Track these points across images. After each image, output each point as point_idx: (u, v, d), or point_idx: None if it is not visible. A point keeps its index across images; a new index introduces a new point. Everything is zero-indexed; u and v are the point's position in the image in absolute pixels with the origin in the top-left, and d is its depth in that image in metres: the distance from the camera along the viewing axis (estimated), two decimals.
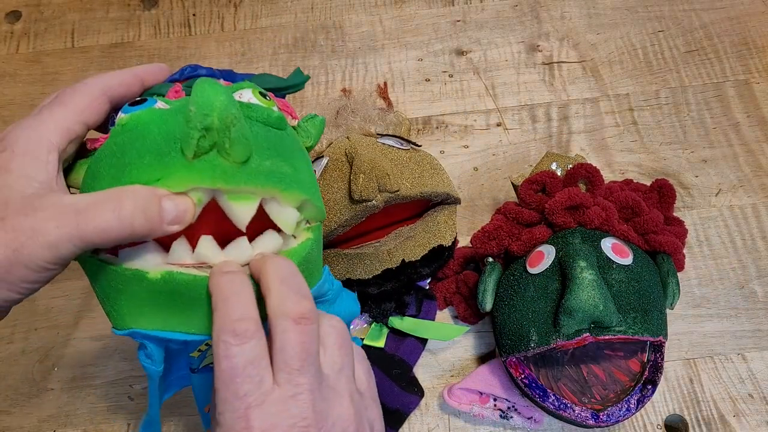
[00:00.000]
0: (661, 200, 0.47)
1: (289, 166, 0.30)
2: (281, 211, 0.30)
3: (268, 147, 0.30)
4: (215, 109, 0.26)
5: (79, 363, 0.51)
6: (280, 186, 0.29)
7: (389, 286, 0.46)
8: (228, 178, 0.27)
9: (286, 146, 0.31)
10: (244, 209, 0.28)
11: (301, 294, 0.27)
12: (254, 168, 0.28)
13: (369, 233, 0.48)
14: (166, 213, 0.26)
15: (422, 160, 0.48)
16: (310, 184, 0.32)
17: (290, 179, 0.29)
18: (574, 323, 0.39)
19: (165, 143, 0.27)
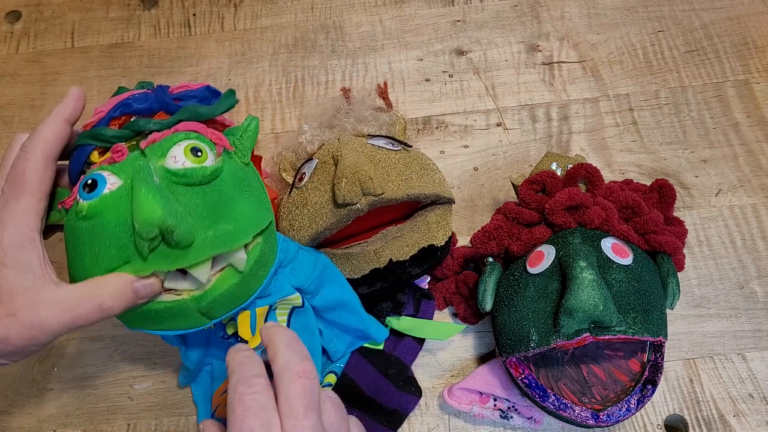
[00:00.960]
0: (661, 200, 0.47)
1: (229, 223, 0.36)
2: (233, 257, 0.36)
3: (207, 215, 0.35)
4: (155, 224, 0.32)
5: (79, 363, 0.51)
6: (226, 248, 0.35)
7: (378, 286, 0.46)
8: (180, 261, 0.33)
9: (223, 197, 0.36)
10: (201, 272, 0.35)
11: (303, 356, 0.31)
12: (200, 244, 0.34)
13: (358, 234, 0.48)
14: (139, 293, 0.34)
15: (412, 162, 0.47)
16: (252, 222, 0.37)
17: (232, 236, 0.35)
18: (574, 323, 0.39)
19: (122, 234, 0.34)
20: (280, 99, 0.63)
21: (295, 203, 0.46)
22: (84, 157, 0.37)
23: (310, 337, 0.44)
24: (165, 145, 0.36)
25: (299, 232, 0.45)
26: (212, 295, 0.36)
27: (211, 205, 0.36)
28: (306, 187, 0.46)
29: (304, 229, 0.45)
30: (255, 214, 0.38)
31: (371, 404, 0.47)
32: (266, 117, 0.62)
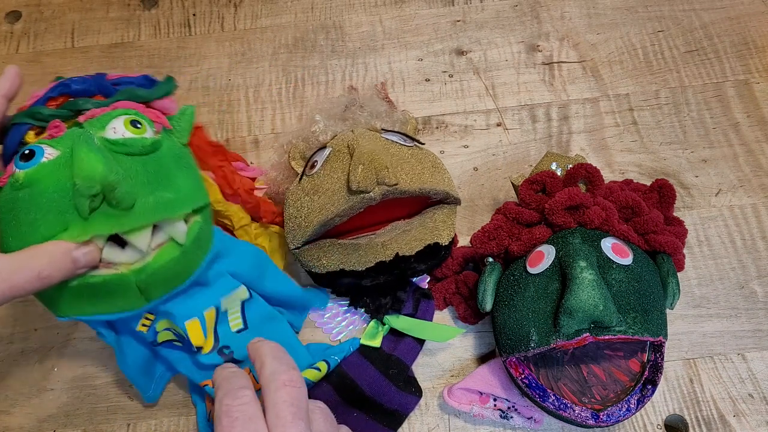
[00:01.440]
0: (661, 200, 0.47)
1: (170, 192, 0.36)
2: (172, 227, 0.36)
3: (148, 181, 0.35)
4: (97, 180, 0.32)
5: (79, 363, 0.51)
6: (165, 215, 0.35)
7: (382, 279, 0.47)
8: (121, 224, 0.34)
9: (163, 168, 0.37)
10: (141, 238, 0.35)
11: (289, 365, 0.31)
12: (141, 208, 0.34)
13: (366, 228, 0.48)
14: (77, 262, 0.33)
15: (424, 158, 0.48)
16: (191, 194, 0.38)
17: (173, 204, 0.36)
18: (574, 323, 0.39)
19: (61, 200, 0.33)
20: (280, 99, 0.63)
21: (305, 190, 0.46)
22: (19, 137, 0.37)
23: (272, 322, 0.45)
24: (104, 119, 0.36)
25: (308, 218, 0.45)
26: (152, 267, 0.36)
27: (152, 173, 0.36)
28: (318, 174, 0.46)
29: (314, 214, 0.45)
30: (194, 189, 0.38)
31: (371, 404, 0.47)
32: (266, 117, 0.62)
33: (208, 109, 0.62)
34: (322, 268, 0.47)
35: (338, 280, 0.47)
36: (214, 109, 0.62)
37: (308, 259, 0.47)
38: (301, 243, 0.46)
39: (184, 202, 0.37)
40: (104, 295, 0.36)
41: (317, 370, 0.45)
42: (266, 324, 0.45)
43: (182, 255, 0.37)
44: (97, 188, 0.32)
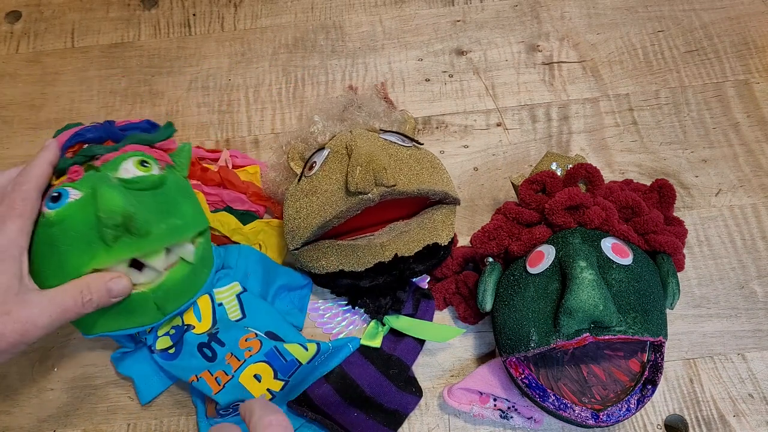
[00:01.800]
0: (661, 200, 0.47)
1: (178, 218, 0.42)
2: (182, 249, 0.43)
3: (159, 211, 0.42)
4: (119, 213, 0.38)
5: (79, 363, 0.51)
6: (177, 239, 0.42)
7: (381, 281, 0.47)
8: (140, 249, 0.40)
9: (170, 199, 0.43)
10: (157, 260, 0.41)
11: (276, 410, 0.33)
12: (156, 234, 0.40)
13: (364, 228, 0.48)
14: (111, 291, 0.40)
15: (423, 158, 0.48)
16: (196, 219, 0.44)
17: (182, 230, 0.42)
18: (574, 323, 0.39)
19: (89, 232, 0.39)
20: (280, 99, 0.63)
21: (304, 191, 0.46)
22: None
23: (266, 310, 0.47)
24: (117, 162, 0.42)
25: (307, 219, 0.45)
26: (167, 284, 0.42)
27: (161, 204, 0.42)
28: (317, 175, 0.46)
29: (313, 216, 0.45)
30: (197, 215, 0.45)
31: (372, 404, 0.47)
32: (266, 117, 0.62)
33: (208, 109, 0.62)
34: (321, 269, 0.47)
35: (337, 280, 0.47)
36: (214, 109, 0.62)
37: (307, 260, 0.47)
38: (300, 244, 0.46)
39: (191, 226, 0.43)
40: (127, 313, 0.42)
41: (304, 349, 0.45)
42: (261, 311, 0.48)
43: (191, 272, 0.43)
44: (119, 219, 0.38)
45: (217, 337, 0.45)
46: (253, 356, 0.44)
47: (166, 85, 0.64)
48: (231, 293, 0.47)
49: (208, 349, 0.45)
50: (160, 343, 0.46)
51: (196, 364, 0.45)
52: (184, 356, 0.45)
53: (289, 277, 0.51)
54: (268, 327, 0.47)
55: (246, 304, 0.47)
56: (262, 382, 0.44)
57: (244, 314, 0.47)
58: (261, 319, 0.47)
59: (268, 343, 0.45)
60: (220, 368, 0.44)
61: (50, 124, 0.62)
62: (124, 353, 0.49)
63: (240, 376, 0.44)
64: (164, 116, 0.62)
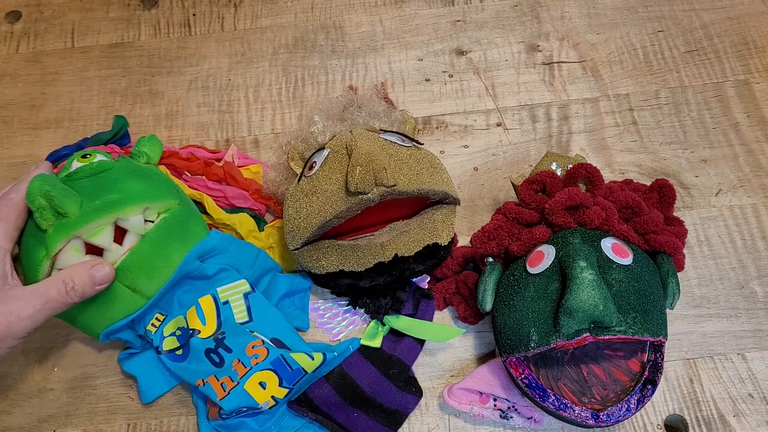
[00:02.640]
0: (661, 200, 0.47)
1: (116, 194, 0.43)
2: (128, 222, 0.43)
3: (94, 191, 0.43)
4: (36, 194, 0.41)
5: (79, 363, 0.51)
6: (112, 211, 0.42)
7: (381, 281, 0.47)
8: (73, 226, 0.41)
9: (111, 180, 0.44)
10: (102, 238, 0.42)
11: None
12: (87, 210, 0.42)
13: (364, 228, 0.48)
14: (95, 278, 0.41)
15: (423, 158, 0.48)
16: (142, 194, 0.44)
17: (119, 202, 0.43)
18: (574, 323, 0.39)
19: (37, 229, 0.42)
20: (280, 99, 0.63)
21: (304, 191, 0.46)
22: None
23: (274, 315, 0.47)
24: (68, 164, 0.45)
25: (307, 220, 0.45)
26: (128, 263, 0.43)
27: (99, 185, 0.43)
28: (317, 175, 0.46)
29: (313, 216, 0.45)
30: (146, 190, 0.45)
31: (372, 404, 0.47)
32: (266, 117, 0.62)
33: (208, 109, 0.62)
34: (321, 269, 0.47)
35: (337, 280, 0.47)
36: (214, 109, 0.62)
37: (307, 260, 0.47)
38: (300, 244, 0.46)
39: (131, 199, 0.43)
40: (102, 302, 0.43)
41: (311, 359, 0.45)
42: (269, 317, 0.47)
43: (150, 247, 0.44)
44: (39, 200, 0.41)
45: (224, 342, 0.45)
46: (259, 364, 0.44)
47: (166, 85, 0.64)
48: (238, 291, 0.47)
49: (216, 355, 0.44)
50: (167, 344, 0.46)
51: (204, 368, 0.44)
52: (191, 360, 0.45)
53: (290, 283, 0.51)
54: (275, 334, 0.46)
55: (254, 306, 0.47)
56: (267, 389, 0.44)
57: (251, 317, 0.46)
58: (268, 325, 0.47)
59: (275, 351, 0.45)
60: (227, 374, 0.44)
61: (50, 124, 0.62)
62: (131, 354, 0.49)
63: (246, 383, 0.44)
64: (164, 116, 0.62)
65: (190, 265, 0.45)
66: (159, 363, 0.48)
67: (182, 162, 0.53)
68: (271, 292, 0.50)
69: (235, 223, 0.51)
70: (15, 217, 0.42)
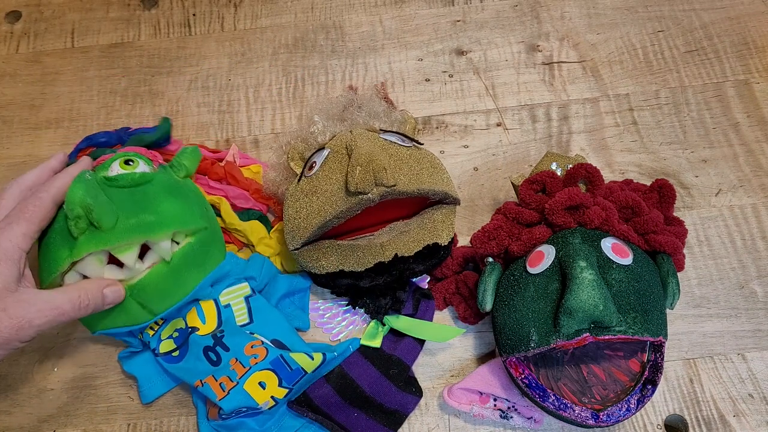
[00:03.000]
0: (661, 200, 0.47)
1: (152, 215, 0.42)
2: (157, 246, 0.43)
3: (132, 207, 0.42)
4: (76, 203, 0.39)
5: (79, 363, 0.51)
6: (145, 234, 0.41)
7: (381, 281, 0.47)
8: (105, 242, 0.40)
9: (149, 197, 0.43)
10: (128, 257, 0.41)
11: None
12: (121, 228, 0.41)
13: (365, 228, 0.48)
14: (107, 298, 0.41)
15: (423, 158, 0.48)
16: (176, 218, 0.43)
17: (153, 226, 0.42)
18: (574, 323, 0.39)
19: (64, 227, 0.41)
20: (280, 99, 0.63)
21: (304, 191, 0.46)
22: None
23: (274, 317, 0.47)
24: (108, 162, 0.44)
25: (307, 220, 0.45)
26: (144, 282, 0.42)
27: (137, 201, 0.43)
28: (317, 175, 0.46)
29: (313, 216, 0.45)
30: (180, 214, 0.44)
31: (372, 404, 0.47)
32: (266, 117, 0.62)
33: (208, 109, 0.62)
34: (321, 269, 0.47)
35: (337, 280, 0.47)
36: (214, 109, 0.62)
37: (307, 260, 0.47)
38: (300, 244, 0.46)
39: (165, 224, 0.43)
40: (110, 311, 0.43)
41: (310, 359, 0.45)
42: (269, 318, 0.47)
43: (170, 272, 0.43)
44: (78, 210, 0.39)
45: (223, 341, 0.45)
46: (258, 364, 0.44)
47: (166, 85, 0.64)
48: (239, 294, 0.47)
49: (213, 353, 0.45)
50: (164, 347, 0.46)
51: (201, 367, 0.45)
52: (189, 359, 0.45)
53: (290, 283, 0.51)
54: (275, 335, 0.47)
55: (254, 308, 0.47)
56: (267, 389, 0.44)
57: (252, 319, 0.47)
58: (268, 327, 0.47)
59: (274, 351, 0.45)
60: (225, 374, 0.44)
61: (50, 124, 0.62)
62: (132, 352, 0.49)
63: (245, 383, 0.44)
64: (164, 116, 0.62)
65: (202, 291, 0.45)
66: (158, 364, 0.48)
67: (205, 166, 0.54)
68: (270, 293, 0.50)
69: (246, 230, 0.51)
70: (40, 218, 0.41)
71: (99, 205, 0.40)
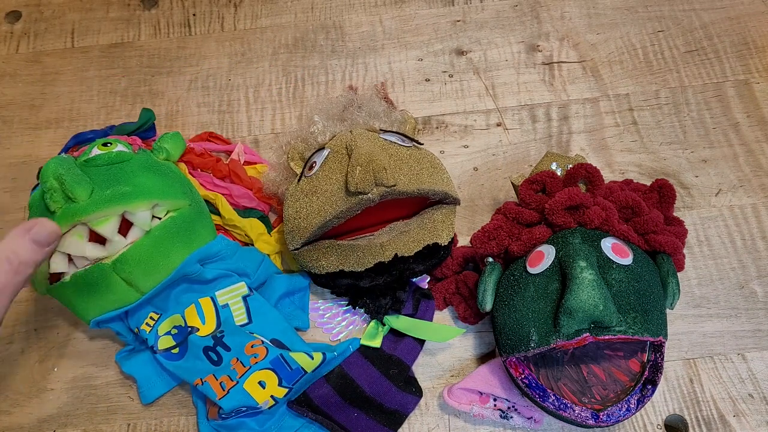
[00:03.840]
0: (661, 200, 0.47)
1: (128, 186, 0.43)
2: (135, 216, 0.43)
3: (107, 180, 0.43)
4: (49, 175, 0.41)
5: (79, 363, 0.51)
6: (121, 203, 0.42)
7: (381, 281, 0.47)
8: (80, 213, 0.41)
9: (126, 172, 0.44)
10: (106, 228, 0.42)
11: None
12: (96, 199, 0.42)
13: (363, 229, 0.48)
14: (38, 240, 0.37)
15: (423, 158, 0.48)
16: (153, 190, 0.44)
17: (128, 195, 0.43)
18: (574, 323, 0.39)
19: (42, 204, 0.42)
20: (280, 99, 0.63)
21: (304, 191, 0.46)
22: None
23: (273, 317, 0.47)
24: (89, 149, 0.46)
25: (307, 220, 0.45)
26: (128, 256, 0.43)
27: (113, 176, 0.44)
28: (316, 175, 0.46)
29: (313, 216, 0.45)
30: (158, 188, 0.45)
31: (371, 404, 0.47)
32: (266, 117, 0.62)
33: (208, 109, 0.62)
34: (321, 269, 0.47)
35: (337, 280, 0.47)
36: (214, 109, 0.62)
37: (307, 260, 0.47)
38: (300, 244, 0.46)
39: (141, 194, 0.43)
40: (97, 290, 0.43)
41: (310, 358, 0.45)
42: (268, 318, 0.47)
43: (152, 244, 0.43)
44: (52, 182, 0.41)
45: (223, 341, 0.45)
46: (258, 363, 0.44)
47: (166, 85, 0.64)
48: (236, 294, 0.47)
49: (214, 353, 0.45)
50: (162, 343, 0.46)
51: (201, 366, 0.45)
52: (189, 358, 0.45)
53: (289, 283, 0.51)
54: (274, 335, 0.47)
55: (252, 308, 0.47)
56: (267, 388, 0.44)
57: (251, 319, 0.47)
58: (267, 326, 0.47)
59: (274, 350, 0.45)
60: (225, 373, 0.44)
61: (50, 124, 0.62)
62: (130, 352, 0.49)
63: (245, 382, 0.44)
64: (164, 116, 0.62)
65: (189, 267, 0.45)
66: (157, 364, 0.48)
67: (197, 159, 0.54)
68: (269, 293, 0.50)
69: (245, 226, 0.51)
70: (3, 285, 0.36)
71: (71, 176, 0.41)
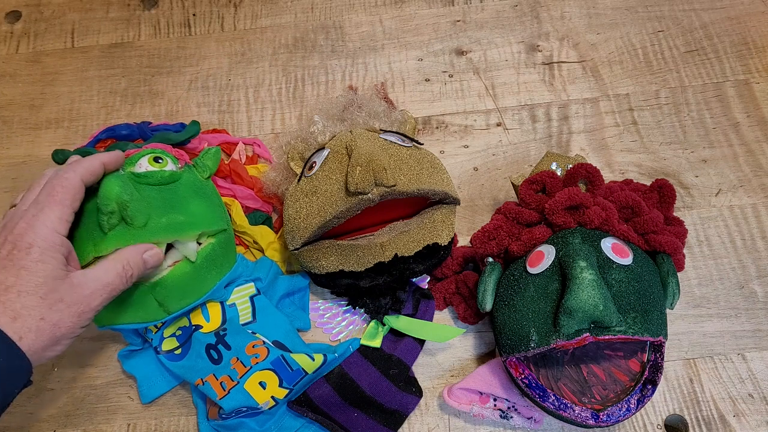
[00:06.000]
0: (661, 200, 0.47)
1: (182, 215, 0.43)
2: (184, 246, 0.43)
3: (162, 206, 0.42)
4: (112, 198, 0.39)
5: (79, 363, 0.51)
6: (175, 235, 0.42)
7: (381, 281, 0.47)
8: (134, 239, 0.40)
9: (178, 196, 0.43)
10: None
11: None
12: (152, 227, 0.41)
13: (365, 228, 0.48)
14: (147, 263, 0.40)
15: (423, 158, 0.48)
16: (203, 219, 0.44)
17: (183, 226, 0.42)
18: (574, 323, 0.39)
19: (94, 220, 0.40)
20: (280, 99, 0.63)
21: (304, 191, 0.46)
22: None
23: (276, 316, 0.48)
24: (135, 157, 0.44)
25: (307, 220, 0.45)
26: (167, 281, 0.42)
27: (167, 200, 0.43)
28: (316, 175, 0.46)
29: (312, 216, 0.45)
30: (206, 216, 0.44)
31: (372, 404, 0.47)
32: (266, 117, 0.62)
33: (208, 109, 0.62)
34: (321, 269, 0.47)
35: (337, 280, 0.47)
36: (214, 109, 0.62)
37: (307, 260, 0.47)
38: (300, 244, 0.46)
39: (194, 225, 0.43)
40: (128, 306, 0.42)
41: (311, 359, 0.45)
42: (272, 319, 0.48)
43: (193, 271, 0.43)
44: (113, 206, 0.39)
45: (225, 339, 0.45)
46: (259, 363, 0.44)
47: (166, 85, 0.64)
48: (244, 294, 0.48)
49: (215, 351, 0.45)
50: (166, 345, 0.46)
51: (202, 365, 0.45)
52: (190, 357, 0.45)
53: (289, 283, 0.51)
54: (277, 336, 0.47)
55: (258, 308, 0.48)
56: (267, 389, 0.44)
57: (255, 318, 0.47)
58: (271, 327, 0.47)
59: (275, 351, 0.45)
60: (226, 373, 0.44)
61: (50, 124, 0.62)
62: (132, 351, 0.49)
63: (245, 382, 0.44)
64: (164, 116, 0.62)
65: (217, 292, 0.45)
66: (158, 363, 0.48)
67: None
68: (270, 293, 0.50)
69: (256, 234, 0.52)
70: (72, 199, 0.39)
71: (134, 203, 0.40)
